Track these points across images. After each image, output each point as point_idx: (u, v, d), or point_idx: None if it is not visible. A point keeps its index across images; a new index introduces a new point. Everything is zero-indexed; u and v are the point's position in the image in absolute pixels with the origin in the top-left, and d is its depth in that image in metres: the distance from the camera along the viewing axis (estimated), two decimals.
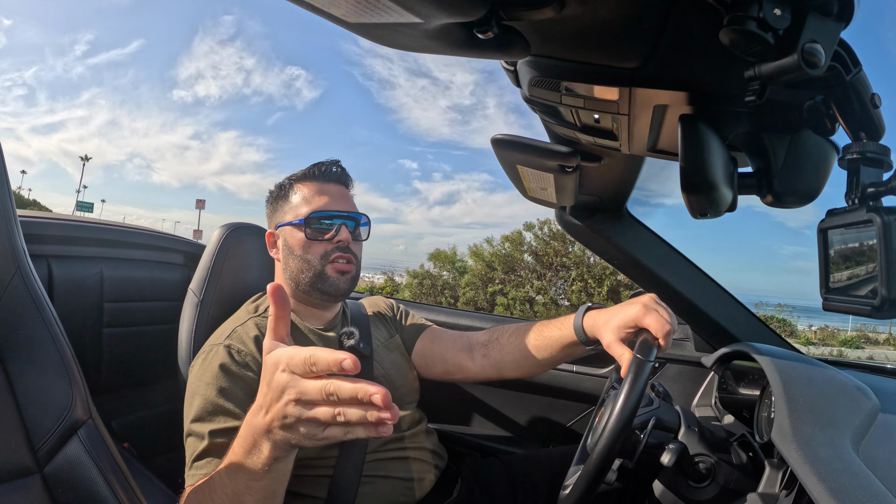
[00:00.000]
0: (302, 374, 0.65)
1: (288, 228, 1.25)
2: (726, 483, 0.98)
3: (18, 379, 0.97)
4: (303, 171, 1.28)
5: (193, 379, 1.11)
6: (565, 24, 0.66)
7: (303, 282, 1.23)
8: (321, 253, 1.23)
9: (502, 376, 1.38)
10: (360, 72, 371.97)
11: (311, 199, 1.24)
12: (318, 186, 1.26)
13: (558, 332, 1.25)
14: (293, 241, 1.24)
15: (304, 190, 1.26)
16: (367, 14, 0.58)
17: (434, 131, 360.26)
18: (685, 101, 0.78)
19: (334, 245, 1.23)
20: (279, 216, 1.28)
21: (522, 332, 1.34)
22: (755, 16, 0.51)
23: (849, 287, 0.67)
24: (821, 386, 1.02)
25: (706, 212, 0.77)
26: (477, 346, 1.41)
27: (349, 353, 0.62)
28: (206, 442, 1.01)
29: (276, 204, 1.29)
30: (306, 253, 1.23)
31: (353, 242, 1.27)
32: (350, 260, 1.25)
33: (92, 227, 1.70)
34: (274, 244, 1.30)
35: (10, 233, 1.04)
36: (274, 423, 0.69)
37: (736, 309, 1.57)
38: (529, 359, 1.31)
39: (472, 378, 1.41)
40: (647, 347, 0.96)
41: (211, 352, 1.12)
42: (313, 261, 1.22)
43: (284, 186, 1.29)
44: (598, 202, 1.47)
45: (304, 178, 1.28)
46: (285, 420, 0.67)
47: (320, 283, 1.23)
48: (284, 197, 1.28)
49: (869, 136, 0.64)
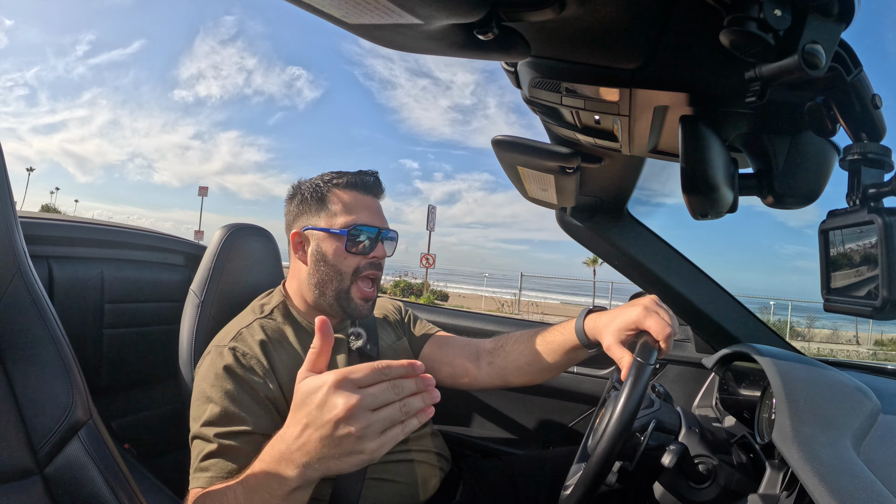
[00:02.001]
0: (372, 383, 0.73)
1: (322, 234, 1.21)
2: (727, 484, 0.98)
3: (19, 380, 0.97)
4: (344, 179, 1.24)
5: (199, 380, 1.10)
6: (566, 25, 0.66)
7: (328, 292, 1.21)
8: (355, 266, 1.21)
9: (508, 383, 1.37)
10: (362, 72, 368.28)
11: (353, 210, 1.21)
12: (359, 197, 1.24)
13: (560, 336, 1.26)
14: (328, 249, 1.20)
15: (344, 197, 1.22)
16: (367, 15, 0.58)
17: (435, 131, 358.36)
18: (686, 102, 0.78)
19: (369, 260, 1.22)
20: (310, 219, 1.24)
21: (526, 338, 1.34)
22: (755, 16, 0.51)
23: (850, 288, 0.67)
24: (822, 387, 1.02)
25: (707, 213, 0.77)
26: (483, 354, 1.41)
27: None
28: (212, 445, 1.01)
29: (309, 205, 1.24)
30: (340, 263, 1.20)
31: None
32: (376, 279, 1.25)
33: (92, 228, 1.70)
34: (300, 245, 1.25)
35: (10, 233, 1.04)
36: (314, 448, 0.74)
37: (736, 310, 1.56)
38: (534, 365, 1.31)
39: (479, 385, 1.40)
40: (647, 350, 0.96)
41: (216, 354, 1.12)
42: (345, 273, 1.20)
43: (321, 189, 1.24)
44: (598, 203, 1.47)
45: (347, 185, 1.24)
46: (344, 440, 0.72)
47: (344, 302, 1.21)
48: (320, 200, 1.23)
49: (870, 137, 0.64)
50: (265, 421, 1.06)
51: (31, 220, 1.52)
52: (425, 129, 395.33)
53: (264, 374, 1.10)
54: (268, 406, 1.08)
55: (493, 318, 2.04)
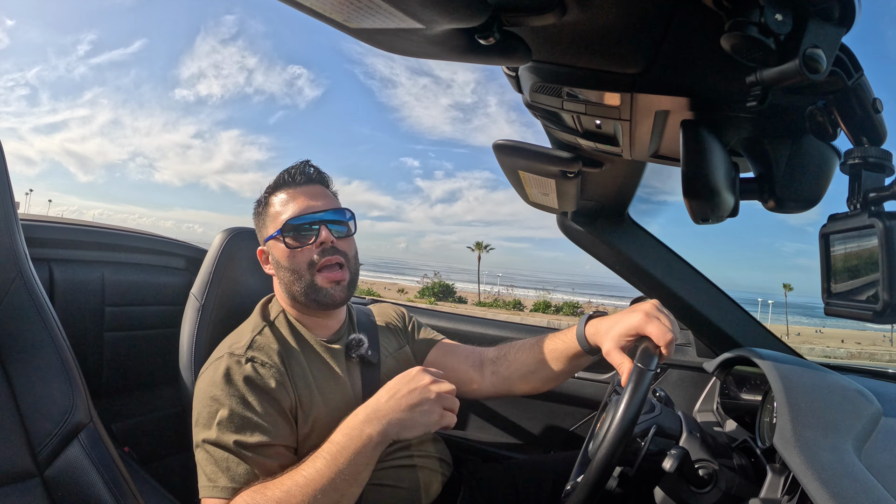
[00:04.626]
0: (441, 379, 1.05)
1: (272, 242, 1.22)
2: (728, 488, 0.98)
3: (19, 382, 0.97)
4: (274, 181, 1.25)
5: (208, 385, 1.08)
6: (567, 30, 0.66)
7: (298, 294, 1.20)
8: (307, 260, 1.19)
9: (513, 392, 1.36)
10: (362, 70, 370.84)
11: (285, 208, 1.21)
12: (289, 193, 1.23)
13: (562, 343, 1.25)
14: (278, 254, 1.21)
15: (277, 199, 1.23)
16: (369, 19, 0.59)
17: (436, 129, 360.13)
18: (687, 107, 0.78)
19: (318, 249, 1.19)
20: (264, 231, 1.25)
21: (529, 346, 1.33)
22: (756, 21, 0.51)
23: (851, 292, 0.67)
24: (823, 391, 1.02)
25: (708, 217, 0.77)
26: (487, 363, 1.39)
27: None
28: (240, 455, 1.01)
29: (259, 219, 1.27)
30: (292, 263, 1.19)
31: (338, 241, 1.21)
32: (341, 263, 1.21)
33: (94, 231, 1.70)
34: (266, 260, 1.27)
35: (11, 236, 1.04)
36: (397, 407, 1.00)
37: (737, 314, 1.56)
38: (537, 373, 1.30)
39: (484, 394, 1.39)
40: (647, 356, 0.95)
41: (233, 362, 1.09)
42: (300, 270, 1.19)
43: (262, 200, 1.26)
44: (599, 207, 1.47)
45: (276, 187, 1.24)
46: (423, 401, 1.00)
47: (314, 294, 1.19)
48: (264, 210, 1.25)
49: (871, 141, 0.64)
50: (286, 431, 1.07)
51: (32, 222, 1.52)
52: (426, 127, 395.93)
53: (283, 384, 1.10)
54: (288, 417, 1.09)
55: (495, 322, 2.04)
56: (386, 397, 1.02)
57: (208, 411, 1.05)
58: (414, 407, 1.00)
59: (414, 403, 1.00)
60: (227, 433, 1.02)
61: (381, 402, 1.01)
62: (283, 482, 0.96)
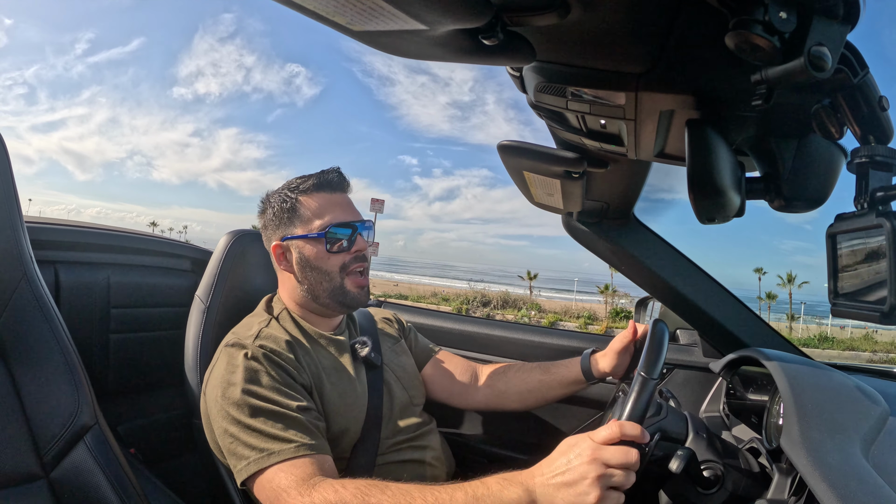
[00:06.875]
0: (616, 464, 0.84)
1: (300, 241, 1.23)
2: (735, 489, 0.97)
3: (25, 384, 0.97)
4: (309, 183, 1.26)
5: (225, 373, 1.09)
6: (570, 30, 0.66)
7: (322, 294, 1.24)
8: (340, 264, 1.23)
9: (503, 406, 1.49)
10: (360, 69, 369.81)
11: (325, 211, 1.24)
12: (327, 197, 1.26)
13: (566, 370, 1.41)
14: (310, 254, 1.23)
15: (314, 201, 1.25)
16: (372, 22, 0.59)
17: (434, 127, 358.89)
18: (692, 106, 0.78)
19: (352, 255, 1.25)
20: (287, 229, 1.25)
21: (529, 368, 1.48)
22: (761, 19, 0.51)
23: (857, 293, 0.67)
24: (830, 391, 1.01)
25: (714, 217, 0.77)
26: (482, 377, 1.51)
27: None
28: (284, 417, 1.03)
29: (281, 216, 1.26)
30: (325, 265, 1.23)
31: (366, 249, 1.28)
32: (365, 270, 1.28)
33: (99, 233, 1.71)
34: (282, 257, 1.27)
35: (16, 239, 1.04)
36: (552, 488, 0.85)
37: (744, 314, 1.56)
38: (534, 392, 1.44)
39: (473, 406, 1.53)
40: (651, 364, 0.96)
41: (240, 351, 1.11)
42: (333, 272, 1.23)
43: (290, 198, 1.26)
44: (605, 208, 1.46)
45: (313, 188, 1.26)
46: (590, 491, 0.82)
47: (342, 297, 1.24)
48: (292, 209, 1.25)
49: (877, 140, 0.64)
50: (308, 399, 1.10)
51: (37, 224, 1.53)
52: (424, 125, 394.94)
53: (298, 368, 1.13)
54: (304, 392, 1.11)
55: (496, 323, 2.04)
56: (546, 471, 0.88)
57: (232, 396, 1.05)
58: (567, 495, 0.84)
59: (569, 493, 0.84)
60: (264, 402, 1.04)
61: (538, 473, 0.89)
62: (410, 491, 0.94)
